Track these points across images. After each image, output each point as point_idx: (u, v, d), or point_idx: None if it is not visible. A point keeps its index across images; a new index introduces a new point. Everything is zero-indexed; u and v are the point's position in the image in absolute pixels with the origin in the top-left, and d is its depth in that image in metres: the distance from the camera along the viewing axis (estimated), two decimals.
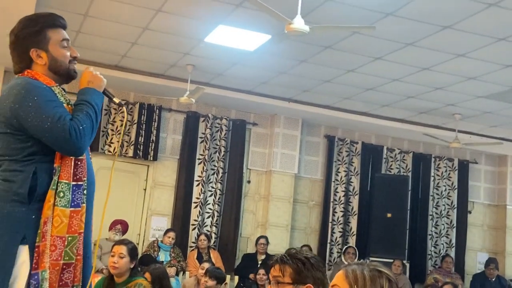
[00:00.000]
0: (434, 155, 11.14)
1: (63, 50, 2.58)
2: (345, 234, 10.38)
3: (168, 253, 8.65)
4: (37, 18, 2.59)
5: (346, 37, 6.60)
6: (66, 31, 2.65)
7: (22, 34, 2.54)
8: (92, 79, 2.58)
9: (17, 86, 2.44)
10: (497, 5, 5.46)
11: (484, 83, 7.73)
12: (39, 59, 2.53)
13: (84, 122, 2.42)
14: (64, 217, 2.39)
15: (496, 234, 11.48)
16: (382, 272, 1.95)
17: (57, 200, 2.39)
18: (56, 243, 2.37)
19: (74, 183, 2.45)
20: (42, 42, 2.53)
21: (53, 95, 2.46)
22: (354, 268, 1.96)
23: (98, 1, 6.22)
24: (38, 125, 2.35)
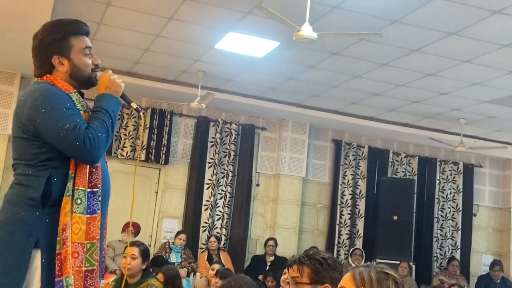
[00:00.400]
0: (440, 159, 11.12)
1: (85, 58, 2.53)
2: (352, 236, 10.36)
3: (179, 255, 8.66)
4: (61, 25, 2.54)
5: (353, 44, 6.61)
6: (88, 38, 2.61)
7: (46, 40, 2.49)
8: (109, 84, 2.53)
9: (35, 92, 2.40)
10: (501, 12, 5.46)
11: (488, 88, 7.72)
12: (61, 66, 2.49)
13: (99, 131, 2.37)
14: (82, 223, 2.35)
15: (500, 236, 11.43)
16: (388, 274, 1.96)
17: (74, 207, 2.35)
18: (78, 249, 2.33)
19: (90, 190, 2.40)
20: (65, 49, 2.49)
21: (70, 103, 2.42)
22: (361, 271, 1.96)
23: (112, 10, 6.26)
24: (53, 133, 2.32)
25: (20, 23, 6.46)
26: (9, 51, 7.50)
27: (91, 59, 2.56)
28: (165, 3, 5.97)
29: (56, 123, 2.31)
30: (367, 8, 5.65)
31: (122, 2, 6.06)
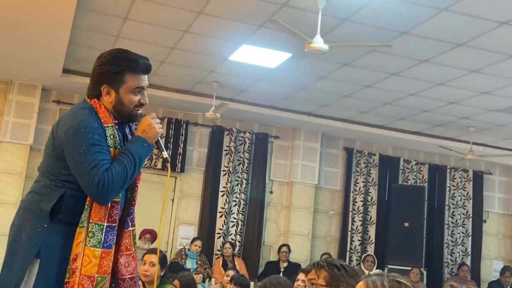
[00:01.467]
0: (450, 166, 11.06)
1: (132, 96, 2.49)
2: (364, 243, 10.32)
3: (195, 261, 8.67)
4: (122, 59, 2.52)
5: (364, 55, 6.61)
6: (147, 75, 2.58)
7: (103, 68, 2.49)
8: (147, 129, 2.49)
9: (76, 118, 2.41)
10: (508, 23, 5.45)
11: (497, 97, 7.68)
12: (107, 96, 2.48)
13: (117, 176, 2.34)
14: (94, 257, 2.34)
15: (511, 242, 11.34)
16: (401, 283, 1.95)
17: (87, 240, 2.34)
18: (83, 282, 2.32)
19: (108, 224, 2.39)
20: (116, 82, 2.47)
21: (102, 137, 2.40)
22: (374, 279, 1.96)
23: (130, 24, 6.32)
24: (74, 165, 2.34)
25: (41, 39, 6.54)
26: (30, 64, 7.58)
27: (139, 97, 2.52)
28: (180, 17, 6.02)
29: (79, 157, 2.33)
30: (377, 21, 5.66)
31: (139, 16, 6.11)
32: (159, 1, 5.70)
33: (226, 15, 5.88)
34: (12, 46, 6.95)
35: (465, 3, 5.13)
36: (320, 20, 5.33)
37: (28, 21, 6.10)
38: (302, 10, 5.52)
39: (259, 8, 5.62)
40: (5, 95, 8.54)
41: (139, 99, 2.52)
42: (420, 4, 5.24)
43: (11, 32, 6.44)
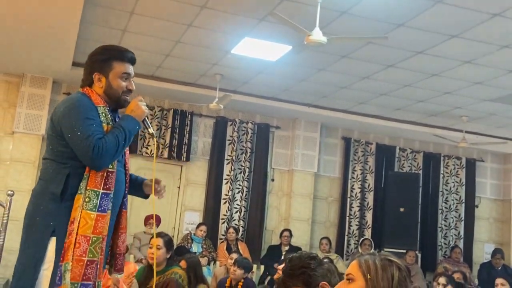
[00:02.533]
0: (443, 154, 11.05)
1: (120, 81, 2.71)
2: (361, 227, 10.33)
3: (200, 245, 8.70)
4: (109, 49, 2.80)
5: (361, 47, 6.58)
6: (133, 65, 2.79)
7: (93, 58, 2.73)
8: (135, 109, 2.70)
9: (70, 100, 2.64)
10: (500, 15, 5.41)
11: (489, 87, 7.65)
12: (98, 82, 2.69)
13: (109, 144, 2.53)
14: (89, 219, 2.51)
15: (502, 226, 11.35)
16: (392, 261, 1.95)
17: (84, 204, 2.51)
18: (80, 241, 2.48)
19: (103, 191, 2.56)
20: (105, 69, 2.69)
21: (95, 114, 2.60)
22: (366, 258, 1.95)
23: (136, 18, 6.29)
24: (71, 137, 2.52)
25: (51, 34, 6.52)
26: (41, 58, 7.57)
27: (126, 84, 2.74)
28: (184, 11, 5.99)
29: (75, 129, 2.52)
30: (374, 13, 5.62)
31: (145, 11, 6.08)
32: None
33: (228, 9, 5.85)
34: (23, 41, 6.94)
35: None
36: (319, 13, 5.30)
37: (39, 17, 6.07)
38: (301, 4, 5.49)
39: (260, 2, 5.58)
40: (17, 88, 8.54)
41: (127, 85, 2.74)
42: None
43: (23, 27, 6.42)
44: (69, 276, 2.43)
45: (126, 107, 2.75)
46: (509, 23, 5.56)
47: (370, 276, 1.89)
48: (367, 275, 1.90)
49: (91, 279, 2.49)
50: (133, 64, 2.79)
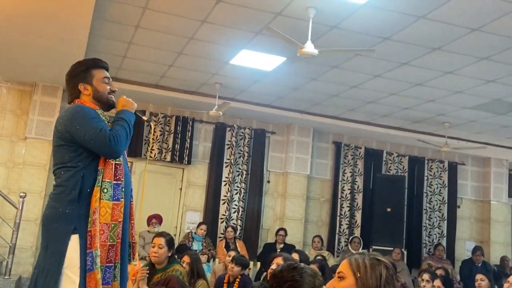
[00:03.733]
0: (427, 157, 11.07)
1: (104, 84, 2.82)
2: (351, 226, 10.33)
3: (201, 243, 8.69)
4: (84, 61, 2.87)
5: (350, 59, 6.60)
6: (108, 72, 2.89)
7: (73, 73, 2.82)
8: (125, 104, 2.84)
9: (69, 109, 2.72)
10: (479, 30, 5.44)
11: (469, 96, 7.68)
12: (86, 91, 2.78)
13: (120, 132, 2.65)
14: (108, 208, 2.60)
15: (482, 225, 11.36)
16: (380, 260, 1.96)
17: (102, 195, 2.59)
18: (103, 228, 2.57)
19: (115, 182, 2.65)
20: (88, 78, 2.79)
21: (97, 115, 2.71)
22: (356, 258, 1.96)
23: (141, 31, 6.31)
24: (85, 135, 2.59)
25: (62, 46, 6.52)
26: (52, 68, 7.57)
27: (109, 86, 2.85)
28: (186, 25, 6.01)
29: (87, 128, 2.60)
30: (361, 28, 5.65)
31: (149, 24, 6.10)
32: (167, 11, 5.69)
33: (227, 23, 5.87)
34: (36, 52, 6.94)
35: (440, 12, 5.13)
36: (311, 27, 5.34)
37: (51, 30, 6.08)
38: (294, 19, 5.51)
39: (257, 17, 5.61)
40: (30, 96, 8.54)
41: (110, 87, 2.85)
42: (400, 12, 5.23)
43: (36, 40, 6.43)
44: (99, 260, 2.52)
45: (114, 106, 2.87)
46: (486, 37, 5.60)
47: (360, 274, 1.91)
48: (357, 273, 1.91)
49: (112, 261, 2.60)
50: (107, 71, 2.88)
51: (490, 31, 5.44)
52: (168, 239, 4.68)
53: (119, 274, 2.67)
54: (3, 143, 8.48)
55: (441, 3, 4.95)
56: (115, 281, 2.64)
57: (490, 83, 7.05)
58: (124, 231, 2.69)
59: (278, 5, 5.28)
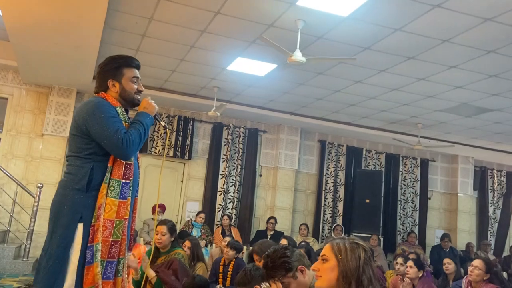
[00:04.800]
0: (402, 155, 11.12)
1: (132, 84, 2.64)
2: (334, 215, 10.37)
3: (199, 230, 8.68)
4: (118, 58, 2.67)
5: (334, 66, 6.62)
6: (139, 70, 2.71)
7: (105, 68, 2.63)
8: (147, 106, 2.65)
9: (91, 102, 2.52)
10: (449, 41, 5.46)
11: (440, 100, 7.71)
12: (113, 88, 2.61)
13: (134, 136, 2.47)
14: (113, 205, 2.44)
15: (449, 215, 11.44)
16: (359, 244, 1.97)
17: (108, 192, 2.44)
18: (106, 224, 2.42)
19: (124, 180, 2.49)
20: (118, 76, 2.61)
21: (115, 113, 2.53)
22: (338, 242, 1.97)
23: (146, 40, 6.29)
24: (100, 133, 2.42)
25: (76, 53, 6.50)
26: (67, 72, 7.55)
27: (137, 86, 2.67)
28: (187, 34, 5.99)
29: (103, 126, 2.43)
30: (344, 38, 5.65)
31: (154, 33, 6.08)
32: (170, 22, 5.67)
33: (224, 33, 5.86)
34: (53, 58, 6.91)
35: (415, 24, 5.14)
36: (299, 37, 5.34)
37: (66, 39, 6.06)
38: (285, 30, 5.51)
39: (251, 28, 5.60)
40: (47, 97, 8.50)
41: (137, 87, 2.66)
42: (379, 25, 5.24)
43: (52, 47, 6.40)
44: (99, 255, 2.37)
45: (138, 105, 2.68)
46: (455, 47, 5.62)
47: (341, 257, 1.91)
48: (338, 256, 1.92)
49: (115, 256, 2.45)
50: (138, 69, 2.71)
51: (458, 42, 5.46)
52: (169, 226, 4.67)
53: (123, 269, 2.51)
54: (22, 139, 8.44)
55: (415, 16, 4.97)
56: (119, 276, 2.47)
57: (458, 88, 7.08)
58: (127, 227, 2.54)
59: (270, 17, 5.28)
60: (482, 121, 8.74)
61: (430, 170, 11.30)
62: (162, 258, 4.59)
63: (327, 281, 1.91)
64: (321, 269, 1.94)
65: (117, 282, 2.46)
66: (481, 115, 8.38)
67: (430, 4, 4.69)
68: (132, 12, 5.52)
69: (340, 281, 1.88)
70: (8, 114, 8.45)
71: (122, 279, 2.51)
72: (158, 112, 2.70)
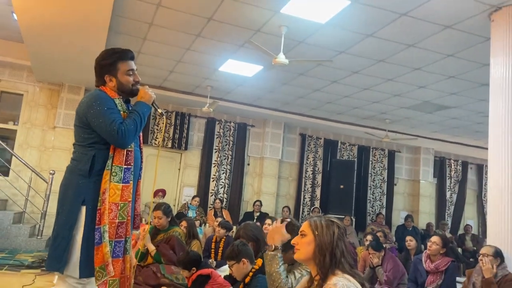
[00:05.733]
0: (372, 146, 11.17)
1: (127, 77, 2.48)
2: (312, 199, 10.40)
3: (195, 211, 8.66)
4: (112, 52, 2.49)
5: (313, 68, 6.60)
6: (134, 61, 2.54)
7: (100, 64, 2.48)
8: (143, 95, 2.51)
9: (91, 96, 2.42)
10: (414, 46, 5.47)
11: (405, 98, 7.74)
12: (110, 82, 2.47)
13: (130, 126, 2.35)
14: (117, 189, 2.34)
15: (412, 199, 11.54)
16: (334, 221, 1.96)
17: (111, 178, 2.34)
18: (112, 207, 2.32)
19: (125, 166, 2.38)
20: (113, 71, 2.46)
21: (113, 105, 2.41)
22: (315, 219, 1.96)
23: (147, 43, 6.20)
24: (98, 124, 2.33)
25: (84, 54, 6.39)
26: (76, 72, 7.43)
27: (133, 77, 2.50)
28: (184, 39, 5.92)
29: (100, 117, 2.33)
30: (323, 43, 5.63)
31: (154, 37, 6.00)
32: (168, 27, 5.59)
33: (217, 37, 5.80)
34: (63, 59, 6.79)
35: (384, 31, 5.13)
36: (283, 42, 5.31)
37: (74, 41, 5.95)
38: (270, 35, 5.47)
39: (240, 33, 5.55)
40: (58, 94, 8.37)
41: (133, 79, 2.50)
42: (353, 31, 5.22)
43: (63, 49, 6.29)
44: (107, 235, 2.29)
45: (137, 95, 2.53)
46: (419, 52, 5.63)
47: (317, 232, 1.90)
48: (315, 231, 1.91)
49: (122, 236, 2.36)
50: (133, 60, 2.53)
51: (423, 47, 5.48)
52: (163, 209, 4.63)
53: (130, 246, 2.43)
54: (36, 131, 8.31)
55: (385, 24, 4.96)
56: (127, 254, 2.39)
57: (421, 88, 7.11)
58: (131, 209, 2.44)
59: (257, 23, 5.23)
60: (442, 117, 8.81)
61: (396, 160, 11.38)
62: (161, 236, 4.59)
63: (304, 254, 1.90)
64: (300, 243, 1.92)
65: (126, 260, 2.40)
66: (441, 112, 8.44)
67: (397, 13, 4.68)
68: (134, 18, 5.43)
69: (316, 254, 1.86)
70: (23, 108, 8.31)
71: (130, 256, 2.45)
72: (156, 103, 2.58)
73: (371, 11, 4.67)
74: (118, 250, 2.34)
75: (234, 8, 4.89)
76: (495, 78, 4.21)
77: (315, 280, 1.88)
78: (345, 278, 1.78)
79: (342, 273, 1.81)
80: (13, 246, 6.70)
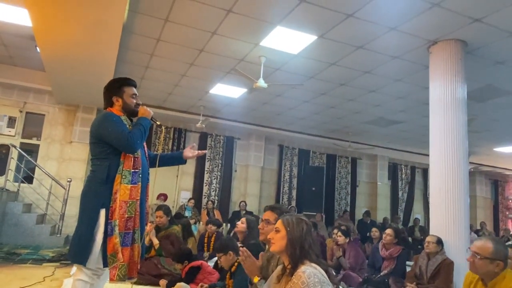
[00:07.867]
0: (338, 155, 11.24)
1: (131, 99, 2.57)
2: (289, 199, 10.39)
3: (190, 212, 8.56)
4: (118, 79, 2.61)
5: (288, 90, 6.65)
6: (136, 88, 2.65)
7: (109, 88, 2.57)
8: (144, 112, 2.58)
9: (102, 115, 2.49)
10: (370, 72, 5.55)
11: (364, 115, 7.84)
12: (117, 102, 2.54)
13: (136, 134, 2.44)
14: (126, 190, 2.39)
15: (371, 198, 11.62)
16: (302, 219, 1.96)
17: (122, 180, 2.39)
18: (122, 205, 2.37)
19: (133, 170, 2.44)
20: (120, 93, 2.55)
21: (121, 121, 2.50)
22: (287, 217, 1.96)
23: (149, 71, 6.18)
24: (110, 136, 2.39)
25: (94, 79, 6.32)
26: (89, 95, 7.34)
27: (135, 100, 2.60)
28: (180, 67, 5.92)
29: (112, 130, 2.40)
30: (295, 70, 5.69)
31: (155, 65, 5.99)
32: (167, 57, 5.59)
33: (208, 65, 5.82)
34: (79, 85, 6.71)
35: (345, 60, 5.21)
36: (262, 69, 5.35)
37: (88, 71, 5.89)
38: (252, 63, 5.51)
39: (227, 62, 5.58)
40: (74, 114, 8.24)
41: (136, 101, 2.59)
42: (319, 60, 5.30)
43: (78, 75, 6.22)
44: (117, 228, 2.33)
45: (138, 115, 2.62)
46: (374, 77, 5.71)
47: (289, 228, 1.91)
48: (287, 228, 1.91)
49: (130, 228, 2.40)
50: (136, 87, 2.64)
51: (376, 73, 5.57)
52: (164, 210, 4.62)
53: (139, 237, 2.44)
54: (56, 145, 8.16)
55: (345, 55, 5.04)
56: (135, 243, 2.41)
57: (376, 107, 7.21)
58: (141, 206, 2.47)
59: (241, 54, 5.27)
60: (394, 130, 8.94)
61: (358, 165, 11.47)
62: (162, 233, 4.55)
63: (278, 247, 1.91)
64: (274, 238, 1.93)
65: (134, 248, 2.41)
66: (393, 126, 8.56)
67: (355, 46, 4.77)
68: (138, 49, 5.41)
69: (288, 246, 1.87)
70: (45, 126, 8.16)
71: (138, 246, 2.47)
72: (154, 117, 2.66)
73: (334, 44, 4.75)
74: (127, 240, 2.38)
75: (221, 41, 4.92)
76: (434, 99, 4.32)
77: (287, 269, 1.89)
78: (312, 266, 1.79)
79: (309, 262, 1.82)
80: (36, 243, 6.57)
